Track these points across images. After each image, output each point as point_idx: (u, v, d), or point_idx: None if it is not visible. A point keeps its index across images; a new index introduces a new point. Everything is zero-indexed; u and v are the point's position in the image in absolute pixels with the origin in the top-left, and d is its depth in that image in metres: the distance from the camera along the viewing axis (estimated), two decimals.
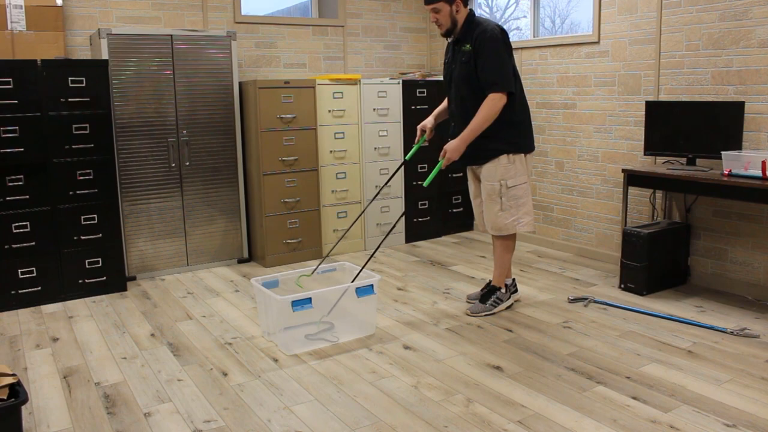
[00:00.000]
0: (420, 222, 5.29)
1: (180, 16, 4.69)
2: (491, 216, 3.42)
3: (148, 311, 3.70)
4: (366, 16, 5.52)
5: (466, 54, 3.27)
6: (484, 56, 3.19)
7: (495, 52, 3.18)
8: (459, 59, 3.31)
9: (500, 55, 3.19)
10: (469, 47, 3.25)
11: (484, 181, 3.40)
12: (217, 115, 4.46)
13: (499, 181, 3.34)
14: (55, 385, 2.77)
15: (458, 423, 2.38)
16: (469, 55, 3.25)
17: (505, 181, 3.34)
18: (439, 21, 3.27)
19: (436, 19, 3.27)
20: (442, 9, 3.22)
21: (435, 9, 3.24)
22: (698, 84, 3.84)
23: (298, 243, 4.69)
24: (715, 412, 2.42)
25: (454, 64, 3.37)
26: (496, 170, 3.35)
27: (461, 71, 3.30)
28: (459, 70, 3.32)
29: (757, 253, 3.68)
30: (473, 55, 3.23)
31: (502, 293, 3.55)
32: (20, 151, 3.70)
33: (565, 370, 2.80)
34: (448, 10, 3.22)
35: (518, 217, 3.39)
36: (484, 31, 3.20)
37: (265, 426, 2.39)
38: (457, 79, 3.34)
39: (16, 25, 3.93)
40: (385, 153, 5.04)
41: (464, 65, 3.28)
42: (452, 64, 3.39)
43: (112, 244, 4.03)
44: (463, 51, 3.29)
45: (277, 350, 3.10)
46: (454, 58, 3.37)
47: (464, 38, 3.29)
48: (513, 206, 3.37)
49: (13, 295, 3.76)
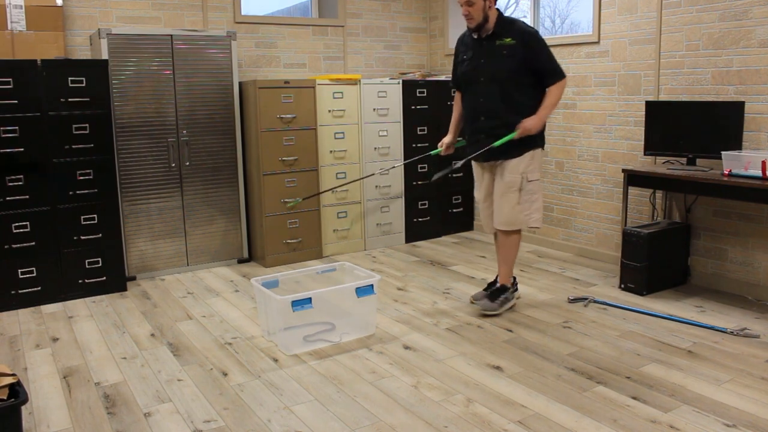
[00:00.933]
0: (420, 222, 5.29)
1: (180, 16, 4.69)
2: (506, 209, 3.42)
3: (148, 311, 3.70)
4: (366, 16, 5.52)
5: (507, 47, 3.28)
6: (538, 49, 3.29)
7: (544, 44, 3.32)
8: (497, 53, 3.31)
9: (548, 47, 3.33)
10: (511, 41, 3.27)
11: (506, 174, 3.40)
12: (217, 115, 4.46)
13: (521, 174, 3.38)
14: (55, 385, 2.77)
15: (458, 423, 2.38)
16: (512, 49, 3.28)
17: (526, 175, 3.39)
18: (471, 14, 3.27)
19: (468, 12, 3.26)
20: (476, 3, 3.24)
21: (469, 2, 3.24)
22: (698, 84, 3.84)
23: (298, 243, 4.69)
24: (715, 412, 2.42)
25: (483, 59, 3.34)
26: (520, 164, 3.38)
27: (501, 64, 3.30)
28: (497, 63, 3.31)
29: (757, 253, 3.68)
30: (519, 48, 3.27)
31: (510, 293, 3.56)
32: (20, 151, 3.70)
33: (565, 370, 2.80)
34: (482, 5, 3.25)
35: (530, 212, 3.43)
36: (526, 26, 3.32)
37: (265, 426, 2.39)
38: (491, 73, 3.33)
39: (16, 25, 3.93)
40: (385, 153, 5.04)
41: (507, 58, 3.29)
42: (479, 59, 3.36)
43: (112, 244, 4.03)
44: (502, 45, 3.29)
45: (277, 350, 3.10)
46: (485, 52, 3.34)
47: (502, 33, 3.30)
48: (527, 201, 3.41)
49: (13, 295, 3.76)
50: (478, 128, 3.44)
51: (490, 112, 3.38)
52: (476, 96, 3.41)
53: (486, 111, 3.39)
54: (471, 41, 3.43)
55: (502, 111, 3.34)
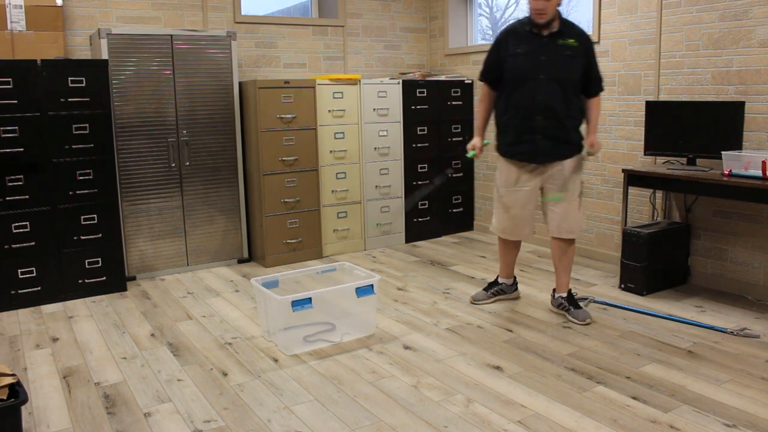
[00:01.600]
0: (420, 222, 5.29)
1: (180, 16, 4.69)
2: (571, 216, 3.32)
3: (148, 311, 3.70)
4: (366, 16, 5.52)
5: (571, 48, 3.21)
6: (594, 55, 3.28)
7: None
8: (560, 52, 3.21)
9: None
10: (574, 42, 3.21)
11: (571, 176, 3.30)
12: (217, 115, 4.46)
13: (581, 179, 3.35)
14: (55, 385, 2.77)
15: (458, 423, 2.38)
16: (575, 50, 3.22)
17: (582, 180, 3.37)
18: (545, 10, 3.14)
19: (544, 7, 3.13)
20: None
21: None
22: (698, 84, 3.84)
23: (298, 243, 4.69)
24: (715, 412, 2.42)
25: (543, 56, 3.21)
26: (578, 166, 3.32)
27: (566, 65, 3.21)
28: (561, 63, 3.21)
29: (757, 253, 3.68)
30: (581, 51, 3.22)
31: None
32: (20, 151, 3.70)
33: (565, 370, 2.80)
34: (556, 1, 3.16)
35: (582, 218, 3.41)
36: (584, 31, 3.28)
37: (265, 426, 2.39)
38: (553, 71, 3.20)
39: (16, 25, 3.93)
40: (385, 153, 5.04)
41: (570, 59, 3.21)
42: (539, 55, 3.22)
43: (112, 244, 4.03)
44: (566, 45, 3.21)
45: (277, 350, 3.10)
46: (546, 49, 3.21)
47: (567, 32, 3.23)
48: (581, 206, 3.39)
49: (13, 295, 3.76)
50: (533, 127, 3.26)
51: (549, 111, 3.23)
52: (533, 93, 3.23)
53: (544, 110, 3.23)
54: (527, 35, 3.26)
55: (562, 112, 3.23)
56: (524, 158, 3.32)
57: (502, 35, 3.37)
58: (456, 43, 5.68)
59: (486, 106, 3.49)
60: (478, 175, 5.54)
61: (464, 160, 5.46)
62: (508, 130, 3.35)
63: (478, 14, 5.72)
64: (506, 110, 3.34)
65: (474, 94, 5.43)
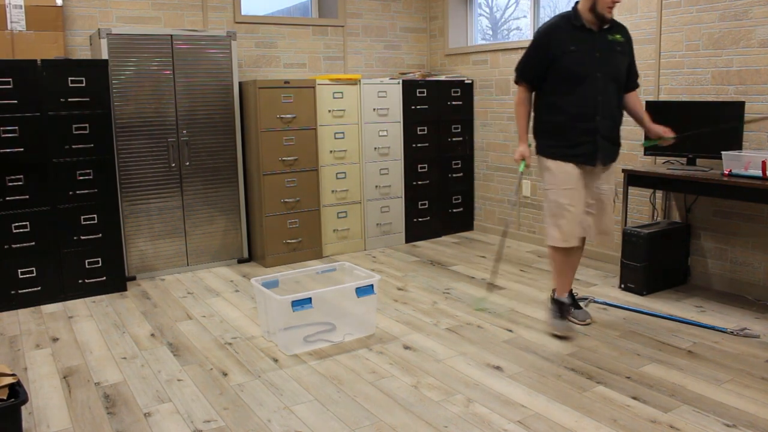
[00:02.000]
0: (420, 222, 5.29)
1: (180, 16, 4.69)
2: (610, 219, 3.22)
3: (148, 311, 3.70)
4: (366, 16, 5.52)
5: (620, 44, 3.07)
6: (633, 51, 3.16)
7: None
8: (611, 48, 3.04)
9: None
10: (621, 38, 3.07)
11: (611, 180, 3.20)
12: (217, 115, 4.46)
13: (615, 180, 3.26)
14: (55, 385, 2.77)
15: (458, 423, 2.38)
16: (623, 46, 3.08)
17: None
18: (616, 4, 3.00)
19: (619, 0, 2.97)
20: None
21: None
22: (698, 84, 3.84)
23: (298, 243, 4.69)
24: (715, 412, 2.42)
25: (598, 53, 3.02)
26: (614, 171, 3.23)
27: (618, 61, 3.06)
28: (615, 60, 3.05)
29: (757, 253, 3.68)
30: (627, 47, 3.10)
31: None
32: (20, 151, 3.70)
33: (565, 370, 2.80)
34: None
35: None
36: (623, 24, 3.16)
37: (265, 426, 2.39)
38: (609, 69, 3.03)
39: (16, 25, 3.93)
40: (385, 153, 5.04)
41: (620, 56, 3.07)
42: (593, 52, 3.02)
43: (112, 244, 4.03)
44: (615, 41, 3.06)
45: (277, 350, 3.10)
46: (599, 45, 3.03)
47: (615, 27, 3.09)
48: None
49: (13, 295, 3.76)
50: (594, 128, 3.05)
51: (607, 110, 3.06)
52: (592, 93, 3.02)
53: (603, 110, 3.04)
54: (577, 31, 3.03)
55: (617, 113, 3.11)
56: (584, 160, 3.09)
57: (545, 33, 3.08)
58: (456, 43, 5.68)
59: (527, 109, 3.21)
60: (478, 175, 5.54)
61: (465, 160, 5.46)
62: (565, 133, 3.08)
63: (478, 14, 5.72)
64: (560, 112, 3.08)
65: (474, 94, 5.43)
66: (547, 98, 3.13)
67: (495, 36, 5.61)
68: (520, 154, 3.22)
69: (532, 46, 3.12)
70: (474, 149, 5.53)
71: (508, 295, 3.83)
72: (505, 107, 5.18)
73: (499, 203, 5.36)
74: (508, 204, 3.15)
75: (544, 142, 3.16)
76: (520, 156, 3.22)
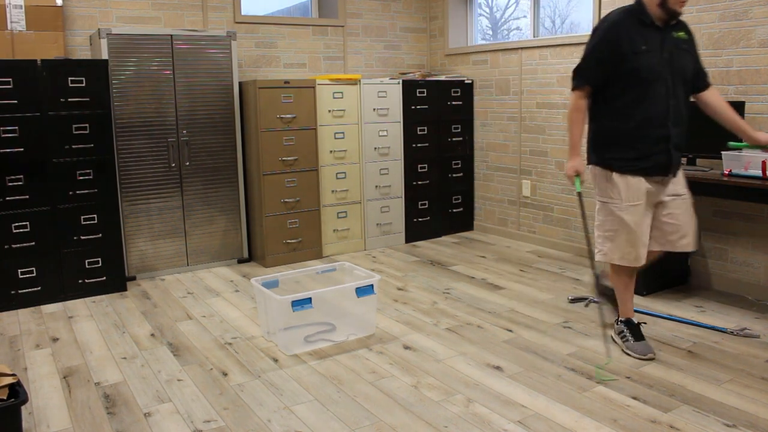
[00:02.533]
0: (420, 222, 5.29)
1: (180, 16, 4.69)
2: (694, 227, 2.93)
3: (148, 311, 3.70)
4: (366, 16, 5.52)
5: (685, 42, 2.80)
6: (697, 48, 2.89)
7: None
8: (678, 46, 2.77)
9: None
10: (685, 35, 2.80)
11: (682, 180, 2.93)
12: (217, 115, 4.46)
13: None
14: (55, 385, 2.77)
15: (458, 423, 2.38)
16: (688, 44, 2.81)
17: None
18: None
19: None
20: None
21: None
22: None
23: (298, 243, 4.69)
24: (715, 412, 2.42)
25: (666, 52, 2.74)
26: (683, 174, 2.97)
27: (686, 61, 2.79)
28: (682, 59, 2.78)
29: (757, 253, 3.68)
30: (692, 45, 2.84)
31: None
32: (20, 151, 3.70)
33: (565, 370, 2.80)
34: None
35: None
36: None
37: (265, 426, 2.39)
38: (678, 70, 2.76)
39: (16, 25, 3.93)
40: (385, 153, 5.04)
41: (687, 55, 2.80)
42: (662, 52, 2.73)
43: (112, 244, 4.03)
44: (679, 38, 2.78)
45: (277, 350, 3.10)
46: (666, 44, 2.75)
47: (678, 24, 2.81)
48: None
49: (13, 295, 3.76)
50: (667, 136, 2.76)
51: (678, 116, 2.78)
52: (663, 97, 2.74)
53: (675, 116, 2.77)
54: (644, 29, 2.74)
55: (686, 118, 2.83)
56: (656, 171, 2.80)
57: (613, 29, 2.75)
58: (456, 43, 5.68)
59: (584, 117, 2.89)
60: (478, 175, 5.54)
61: (465, 160, 5.45)
62: (633, 143, 2.79)
63: (478, 14, 5.72)
64: (628, 118, 2.77)
65: (474, 94, 5.43)
66: (610, 103, 2.82)
67: (495, 36, 5.61)
68: (574, 169, 2.89)
69: (597, 44, 2.78)
70: (474, 149, 5.53)
71: (508, 295, 3.83)
72: (505, 107, 5.18)
73: (498, 203, 5.36)
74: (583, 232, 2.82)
75: (606, 153, 2.86)
76: (574, 171, 2.89)
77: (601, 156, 2.87)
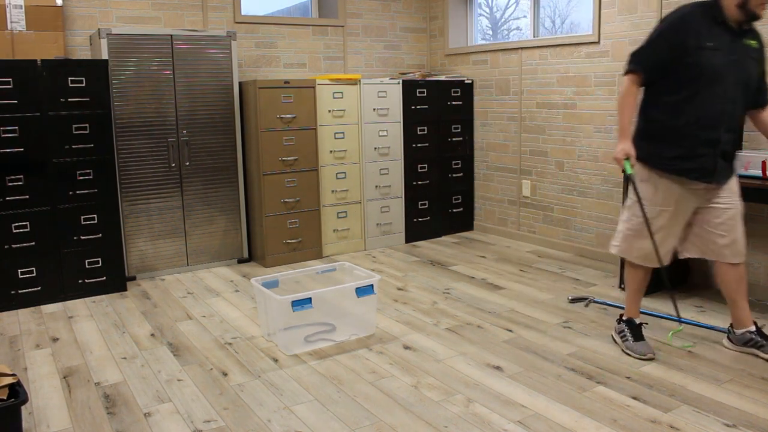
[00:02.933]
0: (420, 222, 5.29)
1: (180, 16, 4.69)
2: (742, 237, 2.82)
3: (148, 311, 3.70)
4: (366, 16, 5.52)
5: (755, 51, 2.71)
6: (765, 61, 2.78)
7: None
8: (748, 53, 2.69)
9: None
10: (756, 44, 2.72)
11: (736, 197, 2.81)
12: (217, 115, 4.46)
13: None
14: (55, 385, 2.77)
15: (458, 423, 2.38)
16: (757, 54, 2.72)
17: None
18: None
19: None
20: None
21: None
22: None
23: (298, 243, 4.69)
24: (715, 412, 2.42)
25: (734, 56, 2.65)
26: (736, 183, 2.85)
27: (752, 69, 2.70)
28: (748, 65, 2.68)
29: (757, 253, 3.68)
30: (762, 56, 2.75)
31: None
32: (20, 151, 3.70)
33: (565, 370, 2.80)
34: None
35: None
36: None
37: (265, 426, 2.39)
38: (741, 75, 2.67)
39: (16, 25, 3.93)
40: (385, 153, 5.04)
41: (754, 63, 2.70)
42: (730, 54, 2.64)
43: (112, 244, 4.03)
44: (749, 46, 2.70)
45: (277, 350, 3.10)
46: (736, 48, 2.66)
47: (751, 31, 2.72)
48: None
49: (13, 295, 3.76)
50: (715, 140, 2.68)
51: (732, 122, 2.70)
52: (722, 99, 2.65)
53: (730, 120, 2.69)
54: (715, 26, 2.65)
55: (739, 127, 2.79)
56: (696, 176, 2.71)
57: (682, 19, 2.65)
58: (456, 43, 5.68)
59: (633, 102, 2.79)
60: (478, 175, 5.54)
61: (465, 160, 5.46)
62: (680, 141, 2.70)
63: (478, 14, 5.72)
64: (680, 114, 2.69)
65: (474, 94, 5.43)
66: (663, 97, 2.73)
67: (495, 36, 5.61)
68: (624, 152, 2.74)
69: (662, 32, 2.68)
70: (474, 149, 5.53)
71: (508, 295, 3.83)
72: (505, 107, 5.18)
73: (498, 203, 5.36)
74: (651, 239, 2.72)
75: (649, 147, 2.79)
76: (624, 154, 2.74)
77: (643, 150, 2.80)
